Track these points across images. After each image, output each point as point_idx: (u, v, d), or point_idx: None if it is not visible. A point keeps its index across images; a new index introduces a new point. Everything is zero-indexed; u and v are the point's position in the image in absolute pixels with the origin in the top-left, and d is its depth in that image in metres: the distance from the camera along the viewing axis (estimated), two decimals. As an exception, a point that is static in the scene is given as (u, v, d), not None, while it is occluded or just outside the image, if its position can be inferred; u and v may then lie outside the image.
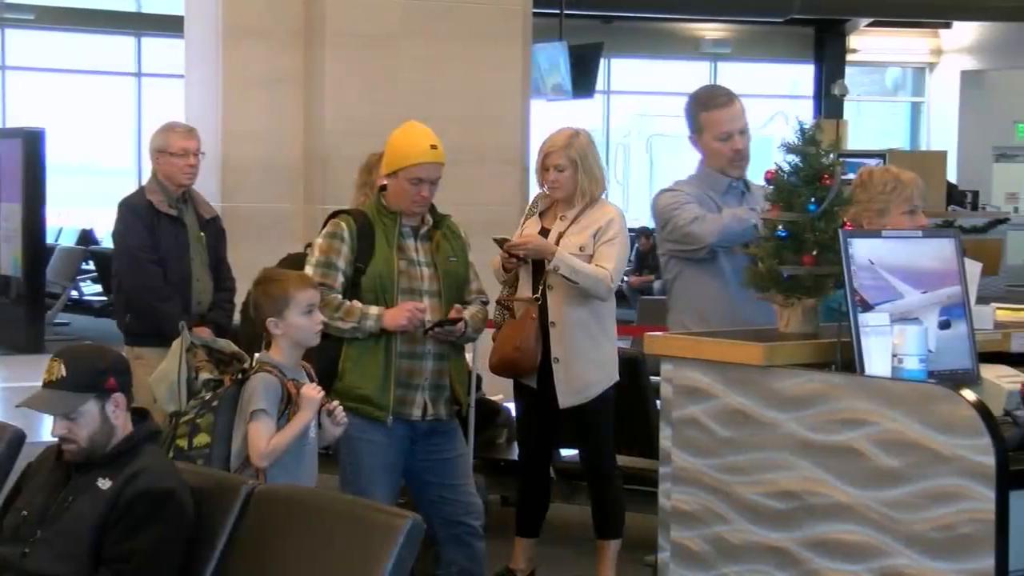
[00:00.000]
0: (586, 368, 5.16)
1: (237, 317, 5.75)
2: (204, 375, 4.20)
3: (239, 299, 5.55)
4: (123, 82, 18.52)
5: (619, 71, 21.06)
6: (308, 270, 4.48)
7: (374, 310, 4.43)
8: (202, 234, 5.86)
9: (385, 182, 4.61)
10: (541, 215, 5.31)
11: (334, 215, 4.62)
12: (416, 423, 4.52)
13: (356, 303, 4.44)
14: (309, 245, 4.71)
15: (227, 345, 4.33)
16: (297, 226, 7.76)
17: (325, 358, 4.36)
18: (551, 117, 16.49)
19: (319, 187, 7.68)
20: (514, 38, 8.11)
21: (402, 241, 4.51)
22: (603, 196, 5.27)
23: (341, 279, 4.47)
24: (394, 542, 2.93)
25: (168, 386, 4.20)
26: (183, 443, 3.98)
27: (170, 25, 14.35)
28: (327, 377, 4.37)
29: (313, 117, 7.82)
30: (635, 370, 5.63)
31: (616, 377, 5.25)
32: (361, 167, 5.63)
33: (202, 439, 3.97)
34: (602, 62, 17.74)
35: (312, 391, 3.97)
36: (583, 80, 16.20)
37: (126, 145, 18.29)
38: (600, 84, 18.97)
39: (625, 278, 11.64)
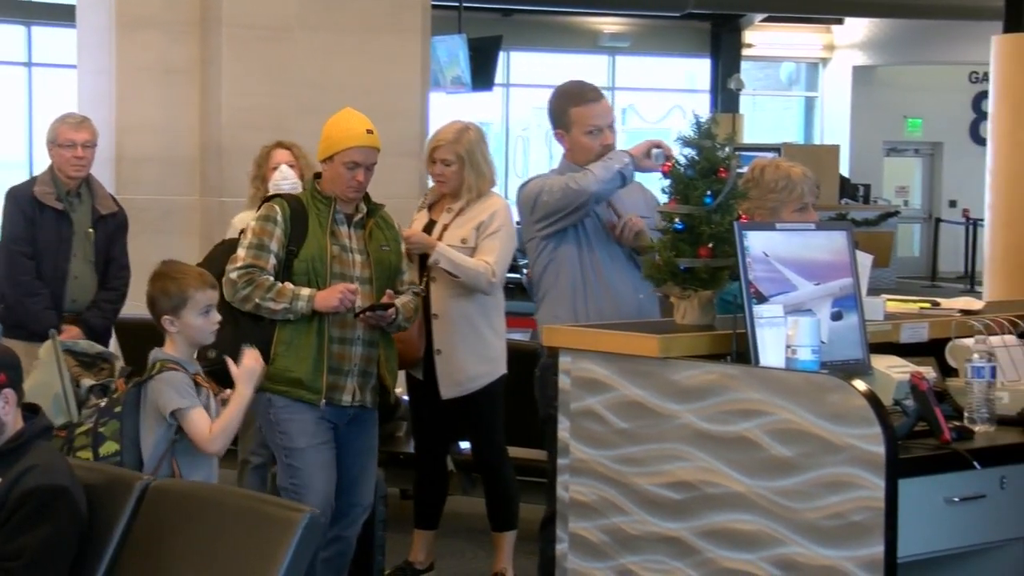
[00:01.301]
0: (469, 360, 5.17)
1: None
2: (86, 381, 4.13)
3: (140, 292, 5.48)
4: (13, 72, 18.16)
5: (518, 64, 21.10)
6: (240, 252, 4.49)
7: (305, 291, 4.44)
8: (91, 230, 5.74)
9: (281, 163, 4.61)
10: (430, 207, 5.32)
11: (268, 199, 4.64)
12: (345, 408, 4.54)
13: (288, 284, 4.45)
14: (242, 231, 4.69)
15: (89, 346, 4.26)
16: (194, 218, 7.67)
17: (257, 341, 4.35)
18: (450, 109, 16.53)
19: (216, 179, 7.59)
20: (413, 30, 8.08)
21: (335, 227, 4.54)
22: (493, 190, 5.28)
23: (273, 261, 4.47)
24: (292, 536, 2.91)
25: (53, 398, 4.10)
26: (87, 455, 3.89)
27: (61, 14, 14.10)
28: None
29: (209, 108, 7.72)
30: (533, 363, 5.64)
31: (503, 371, 5.27)
32: (255, 158, 5.60)
33: (110, 447, 3.90)
34: (501, 55, 17.79)
35: (252, 361, 3.94)
36: (482, 73, 16.21)
37: (17, 136, 17.94)
38: (499, 77, 19.00)
39: (524, 271, 11.67)
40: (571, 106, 4.55)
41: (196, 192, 7.75)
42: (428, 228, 5.25)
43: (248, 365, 3.95)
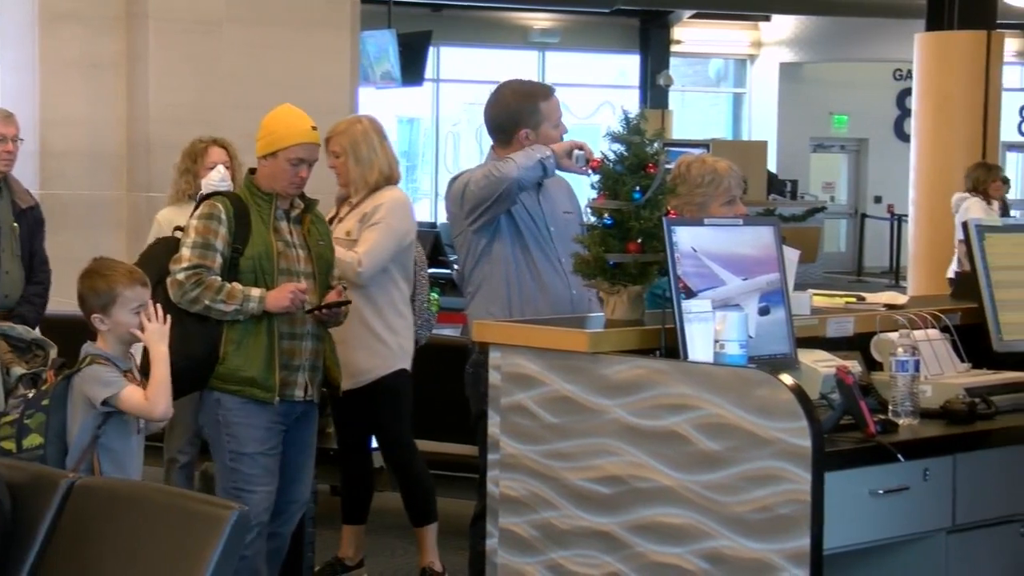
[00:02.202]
0: (359, 354, 5.17)
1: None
2: (16, 370, 4.08)
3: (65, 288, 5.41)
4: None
5: (448, 60, 21.08)
6: (185, 252, 4.44)
7: (255, 292, 4.40)
8: (15, 225, 5.68)
9: (216, 162, 4.58)
10: (341, 201, 5.34)
11: (207, 197, 4.59)
12: (297, 403, 4.52)
13: (237, 285, 4.40)
14: (178, 228, 4.64)
15: (25, 331, 4.21)
16: (120, 214, 7.59)
17: (205, 342, 4.32)
18: (380, 104, 16.48)
19: (143, 174, 7.51)
20: (342, 25, 8.04)
21: (277, 223, 4.51)
22: (396, 184, 5.26)
23: (219, 260, 4.43)
24: (220, 533, 2.89)
25: None
26: (10, 445, 3.85)
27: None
28: (208, 361, 4.36)
29: (136, 103, 7.64)
30: (464, 359, 5.64)
31: (400, 365, 5.26)
32: (184, 152, 5.55)
33: (34, 440, 3.86)
34: (431, 50, 17.75)
35: (154, 320, 3.92)
36: (412, 68, 16.17)
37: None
38: (429, 72, 18.97)
39: (455, 267, 11.66)
40: (540, 101, 4.54)
41: (123, 187, 7.67)
42: (331, 221, 5.29)
43: (151, 326, 3.92)
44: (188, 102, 7.41)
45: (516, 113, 4.49)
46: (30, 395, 3.95)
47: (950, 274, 10.19)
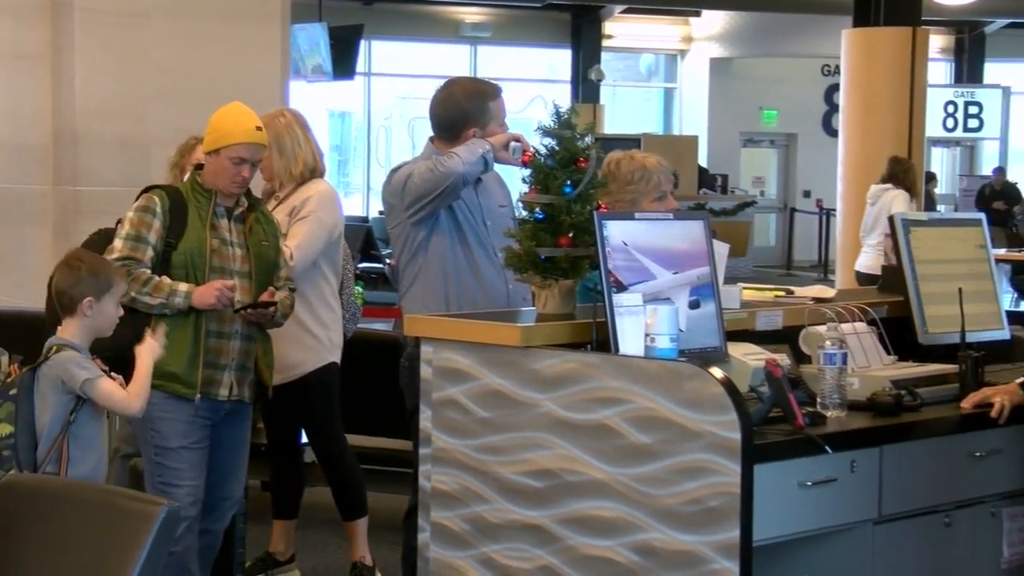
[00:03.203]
0: (288, 348, 5.15)
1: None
2: None
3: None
4: None
5: (380, 53, 21.02)
6: (117, 243, 4.41)
7: (183, 287, 4.37)
8: None
9: (202, 161, 4.57)
10: (267, 195, 5.31)
11: (147, 190, 4.55)
12: (222, 402, 4.48)
13: (165, 279, 4.37)
14: (119, 221, 4.60)
15: None
16: (47, 207, 7.48)
17: (132, 333, 4.27)
18: (311, 98, 16.40)
19: (70, 167, 7.41)
20: (272, 17, 7.98)
21: (215, 220, 4.47)
22: (322, 177, 5.25)
23: (151, 253, 4.39)
24: (149, 530, 2.86)
25: None
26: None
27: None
28: (132, 353, 4.30)
29: (62, 96, 7.54)
30: (397, 353, 5.64)
31: (330, 359, 5.25)
32: (179, 147, 5.48)
33: (4, 429, 3.90)
34: (363, 44, 17.69)
35: (151, 340, 4.08)
36: (343, 62, 16.11)
37: None
38: (361, 66, 18.89)
39: (387, 261, 11.62)
40: (489, 100, 4.53)
41: (48, 181, 7.57)
42: None
43: (148, 342, 4.07)
44: (115, 94, 7.32)
45: (466, 113, 4.48)
46: None
47: (858, 267, 10.30)
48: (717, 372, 3.19)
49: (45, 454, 3.87)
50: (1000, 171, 20.33)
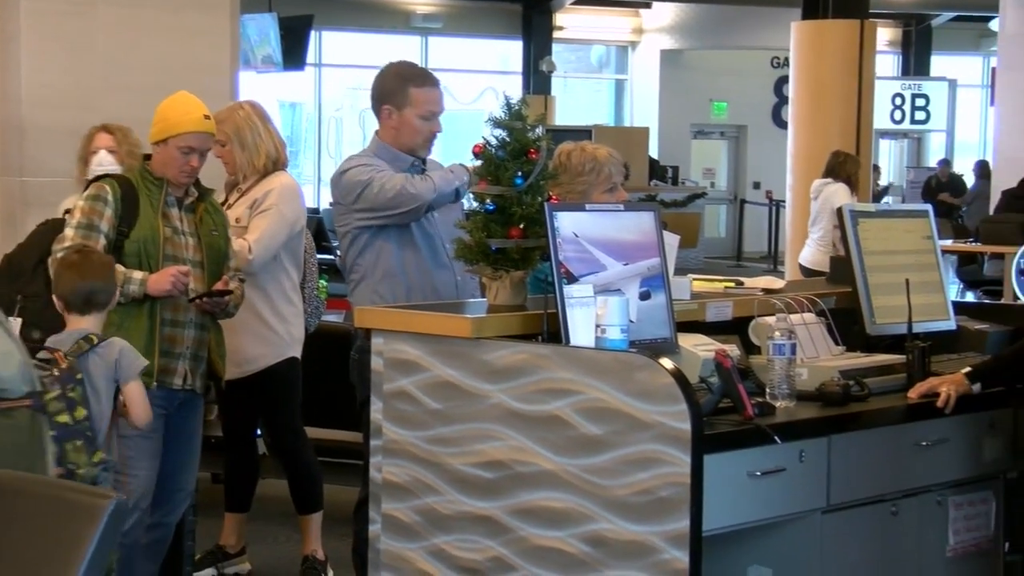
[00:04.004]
0: (247, 341, 5.14)
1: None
2: None
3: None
4: None
5: (330, 44, 20.93)
6: (69, 232, 4.39)
7: (137, 274, 4.35)
8: None
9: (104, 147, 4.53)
10: (230, 187, 5.29)
11: (98, 179, 4.52)
12: (176, 392, 4.46)
13: (119, 267, 4.34)
14: (68, 211, 4.56)
15: None
16: (-8, 199, 7.41)
17: None
18: (262, 89, 16.31)
19: (16, 158, 7.33)
20: (221, 7, 7.92)
21: (167, 209, 4.46)
22: (284, 167, 5.23)
23: (103, 242, 4.37)
24: (96, 523, 2.85)
25: (19, 366, 3.95)
26: (65, 418, 3.93)
27: None
28: None
29: (8, 85, 7.46)
30: (347, 345, 5.62)
31: (290, 353, 5.24)
32: (82, 137, 5.44)
33: (80, 412, 3.96)
34: (313, 34, 17.61)
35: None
36: (293, 52, 16.05)
37: None
38: (311, 57, 18.82)
39: (337, 252, 11.59)
40: (411, 85, 4.51)
41: (-6, 171, 7.50)
42: None
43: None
44: (62, 84, 7.25)
45: (383, 90, 4.54)
46: (55, 372, 3.96)
47: (801, 260, 10.38)
48: (667, 363, 3.20)
49: (104, 439, 4.00)
50: (945, 163, 20.52)
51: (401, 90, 4.50)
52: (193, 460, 4.64)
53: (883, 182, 21.16)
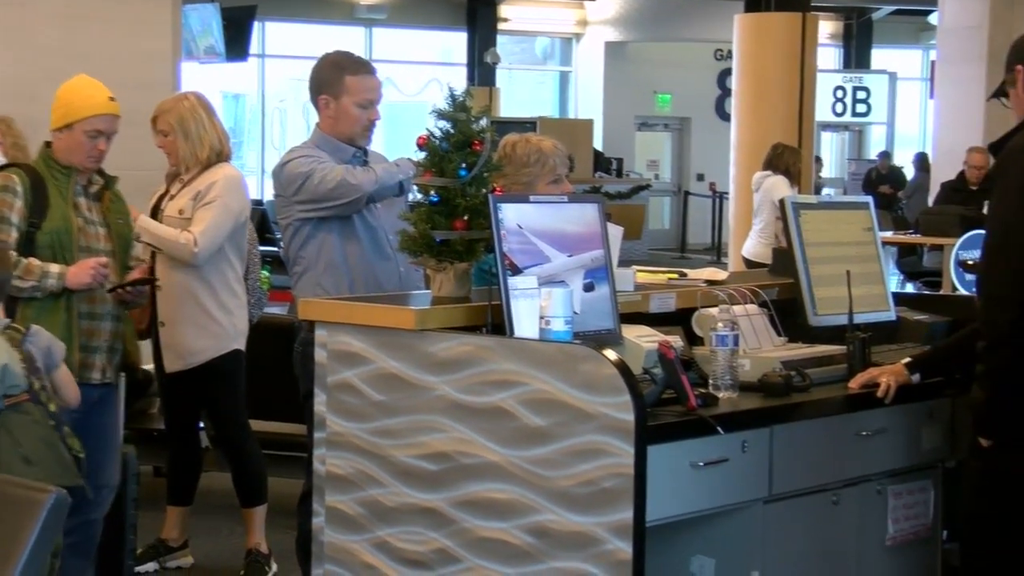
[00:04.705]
0: (191, 334, 5.12)
1: None
2: None
3: None
4: None
5: (273, 35, 20.80)
6: None
7: (55, 268, 4.28)
8: None
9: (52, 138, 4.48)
10: (172, 178, 5.26)
11: (2, 168, 4.46)
12: (95, 387, 4.42)
13: (35, 261, 4.28)
14: None
15: None
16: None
17: None
18: (205, 80, 16.19)
19: (-45, 149, 7.25)
20: (163, -3, 7.89)
21: (76, 199, 4.40)
22: (228, 159, 5.21)
23: (15, 235, 4.30)
24: (36, 518, 2.83)
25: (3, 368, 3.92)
26: (54, 407, 3.97)
27: None
28: None
29: (-52, 77, 7.38)
30: (291, 337, 5.60)
31: (234, 346, 5.22)
32: None
33: (54, 400, 4.00)
34: (256, 25, 17.51)
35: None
36: (236, 43, 15.95)
37: None
38: (254, 48, 18.70)
39: (280, 244, 11.52)
40: (347, 74, 4.51)
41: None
42: (161, 199, 5.22)
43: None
44: (3, 75, 7.18)
45: (320, 80, 4.54)
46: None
47: (743, 252, 10.46)
48: (611, 354, 3.21)
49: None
50: (885, 155, 20.72)
51: (337, 79, 4.50)
52: (115, 454, 4.60)
53: (825, 174, 21.33)
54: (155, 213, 5.20)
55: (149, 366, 6.21)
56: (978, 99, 10.05)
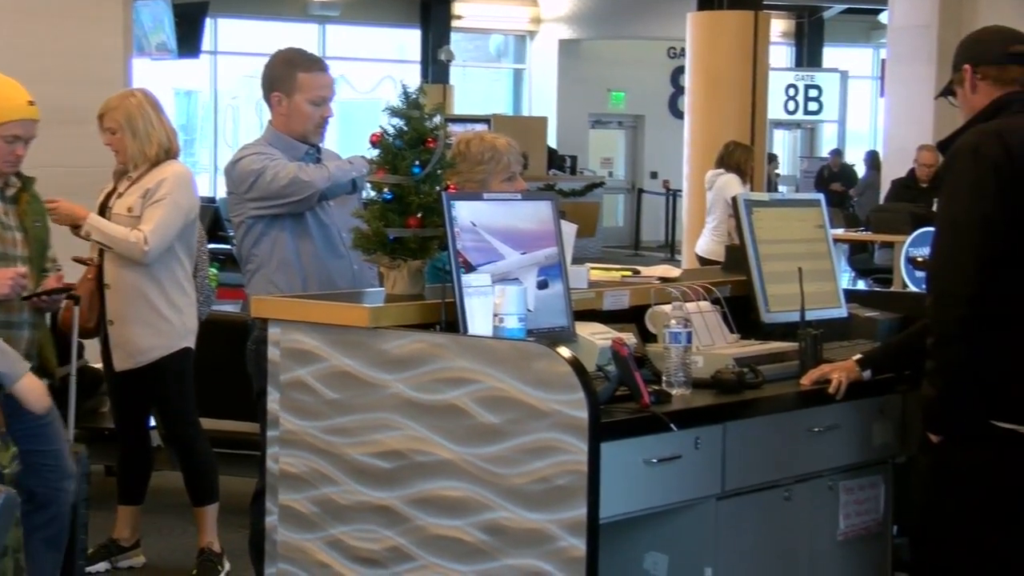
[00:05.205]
0: (140, 332, 5.09)
1: None
2: None
3: None
4: None
5: (226, 32, 20.69)
6: None
7: None
8: None
9: None
10: (119, 175, 5.23)
11: None
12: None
13: None
14: None
15: None
16: None
17: None
18: (156, 77, 16.08)
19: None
20: (114, -7, 7.82)
21: None
22: (176, 157, 5.18)
23: None
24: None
25: None
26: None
27: None
28: None
29: None
30: (244, 335, 5.58)
31: (183, 344, 5.20)
32: None
33: None
34: (208, 22, 17.41)
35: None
36: (189, 40, 15.86)
37: None
38: (207, 44, 18.59)
39: (233, 242, 11.46)
40: (299, 71, 4.49)
41: None
42: (109, 196, 5.18)
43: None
44: (-51, 71, 7.09)
45: (272, 77, 4.51)
46: None
47: (697, 250, 10.52)
48: (565, 352, 3.21)
49: None
50: (837, 153, 20.86)
51: (289, 76, 4.48)
52: (62, 445, 4.50)
53: (780, 171, 21.45)
54: (103, 211, 5.17)
55: (98, 365, 6.17)
56: (928, 98, 10.11)
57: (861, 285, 12.38)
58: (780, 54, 23.77)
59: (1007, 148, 3.40)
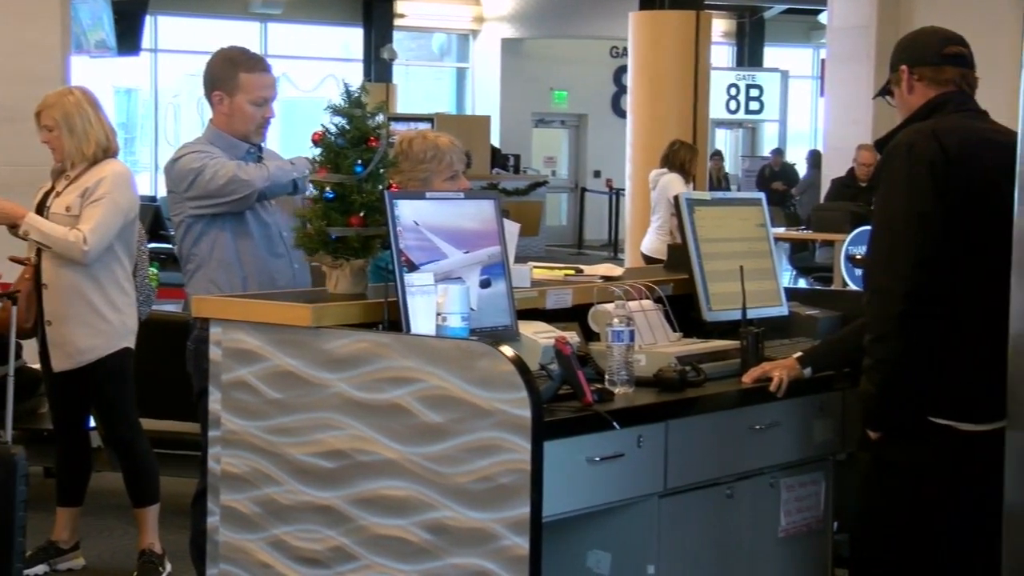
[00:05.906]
0: (79, 332, 5.06)
1: None
2: None
3: None
4: None
5: (166, 29, 20.53)
6: None
7: None
8: None
9: None
10: (57, 174, 5.18)
11: None
12: None
13: None
14: None
15: None
16: None
17: None
18: (96, 74, 15.94)
19: None
20: (51, -10, 7.74)
21: None
22: (115, 155, 5.15)
23: None
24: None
25: None
26: None
27: None
28: None
29: None
30: (185, 335, 5.54)
31: (123, 344, 5.16)
32: None
33: None
34: (148, 19, 17.28)
35: None
36: (128, 37, 15.74)
37: None
38: (147, 42, 18.46)
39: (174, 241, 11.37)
40: (241, 71, 4.45)
41: None
42: (47, 196, 5.13)
43: None
44: None
45: (213, 76, 4.48)
46: None
47: (642, 248, 10.57)
48: (508, 351, 3.21)
49: None
50: (778, 152, 21.01)
51: (231, 76, 4.45)
52: None
53: (728, 169, 21.58)
54: (41, 210, 5.11)
55: (36, 365, 6.11)
56: (866, 97, 10.19)
57: (802, 283, 12.48)
58: (721, 54, 23.91)
59: (942, 146, 3.43)
